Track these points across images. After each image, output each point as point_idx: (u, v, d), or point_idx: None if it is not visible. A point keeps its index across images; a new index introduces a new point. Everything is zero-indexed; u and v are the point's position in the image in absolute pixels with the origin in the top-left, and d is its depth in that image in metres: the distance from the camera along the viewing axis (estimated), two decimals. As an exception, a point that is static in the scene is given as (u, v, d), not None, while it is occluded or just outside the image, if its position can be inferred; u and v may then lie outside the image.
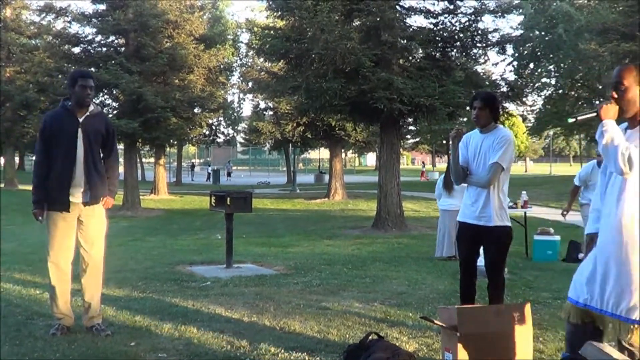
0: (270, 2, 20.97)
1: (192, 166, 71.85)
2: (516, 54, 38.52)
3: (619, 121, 3.99)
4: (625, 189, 3.89)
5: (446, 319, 5.08)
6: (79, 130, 6.34)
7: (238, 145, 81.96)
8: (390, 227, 19.37)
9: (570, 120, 4.61)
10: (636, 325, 3.89)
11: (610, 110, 3.87)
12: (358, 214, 26.07)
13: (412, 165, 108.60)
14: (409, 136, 46.58)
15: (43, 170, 6.35)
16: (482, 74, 21.56)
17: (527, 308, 5.11)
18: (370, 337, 5.36)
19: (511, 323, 4.94)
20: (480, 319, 5.04)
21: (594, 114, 3.97)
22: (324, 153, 65.61)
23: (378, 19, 17.82)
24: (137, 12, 28.30)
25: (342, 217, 25.47)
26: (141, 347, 5.95)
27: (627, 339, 3.95)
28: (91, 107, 6.45)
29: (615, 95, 3.92)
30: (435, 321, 5.16)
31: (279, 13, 20.62)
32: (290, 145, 43.73)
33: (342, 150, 44.60)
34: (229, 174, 64.77)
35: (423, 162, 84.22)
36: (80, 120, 6.36)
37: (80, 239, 6.45)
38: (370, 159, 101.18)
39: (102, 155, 6.60)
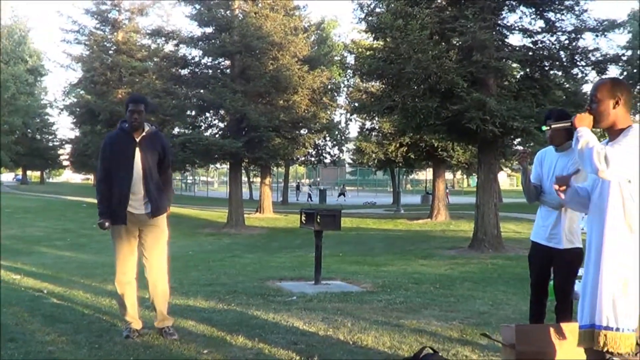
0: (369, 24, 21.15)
1: (298, 186, 72.06)
2: (624, 73, 37.34)
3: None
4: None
5: (507, 337, 5.11)
6: (137, 149, 6.75)
7: (346, 165, 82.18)
8: (486, 248, 19.18)
9: (545, 128, 5.04)
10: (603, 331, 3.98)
11: (584, 120, 4.07)
12: (458, 235, 25.88)
13: (521, 187, 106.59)
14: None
15: (102, 186, 6.82)
16: (584, 93, 21.11)
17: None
18: (424, 351, 5.42)
19: (567, 341, 4.93)
20: (538, 337, 5.04)
21: (569, 124, 4.25)
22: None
23: (474, 39, 17.67)
24: (242, 34, 28.89)
25: (442, 237, 25.35)
26: (212, 355, 6.17)
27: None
28: (147, 128, 6.86)
29: (589, 107, 4.14)
30: (494, 338, 5.19)
31: (374, 34, 20.80)
32: (395, 165, 43.67)
33: (449, 171, 44.17)
34: (309, 196, 63.93)
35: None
36: (137, 140, 6.78)
37: (142, 249, 6.87)
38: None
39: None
